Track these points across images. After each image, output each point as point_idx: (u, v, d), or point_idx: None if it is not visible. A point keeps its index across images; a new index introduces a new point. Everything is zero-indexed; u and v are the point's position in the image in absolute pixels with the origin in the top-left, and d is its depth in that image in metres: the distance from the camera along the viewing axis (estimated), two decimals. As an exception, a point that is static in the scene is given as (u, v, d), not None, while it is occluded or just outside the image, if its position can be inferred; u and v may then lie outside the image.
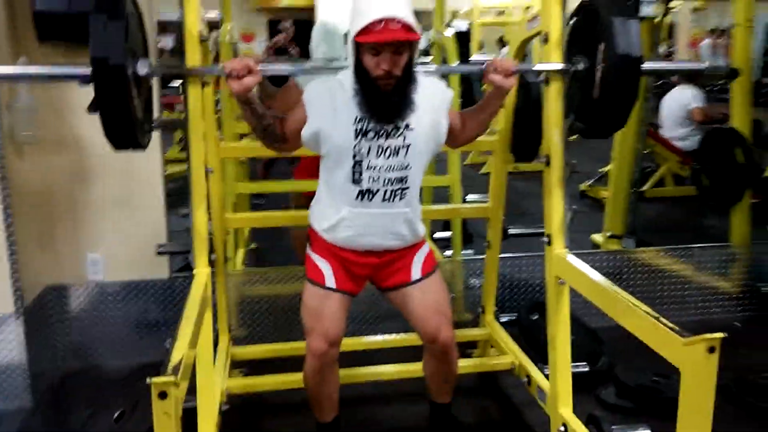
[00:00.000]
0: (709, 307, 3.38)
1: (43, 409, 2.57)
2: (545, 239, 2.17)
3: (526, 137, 2.65)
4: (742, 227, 3.60)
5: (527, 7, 10.06)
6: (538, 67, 2.12)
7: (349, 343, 2.55)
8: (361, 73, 1.83)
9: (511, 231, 2.70)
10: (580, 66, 2.00)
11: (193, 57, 1.97)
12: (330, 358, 1.98)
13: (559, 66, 2.08)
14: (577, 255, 2.06)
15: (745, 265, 3.40)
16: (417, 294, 2.06)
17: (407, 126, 1.89)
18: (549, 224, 2.15)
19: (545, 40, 2.15)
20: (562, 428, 2.09)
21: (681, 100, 5.63)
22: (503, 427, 2.50)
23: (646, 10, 3.40)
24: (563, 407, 2.12)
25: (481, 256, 3.05)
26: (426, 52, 5.24)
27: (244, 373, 2.61)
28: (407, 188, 1.95)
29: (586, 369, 2.59)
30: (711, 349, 1.42)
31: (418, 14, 1.85)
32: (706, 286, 3.40)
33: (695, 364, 1.44)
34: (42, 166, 2.80)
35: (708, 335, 1.41)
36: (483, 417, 2.59)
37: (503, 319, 2.97)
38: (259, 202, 5.19)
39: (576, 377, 2.16)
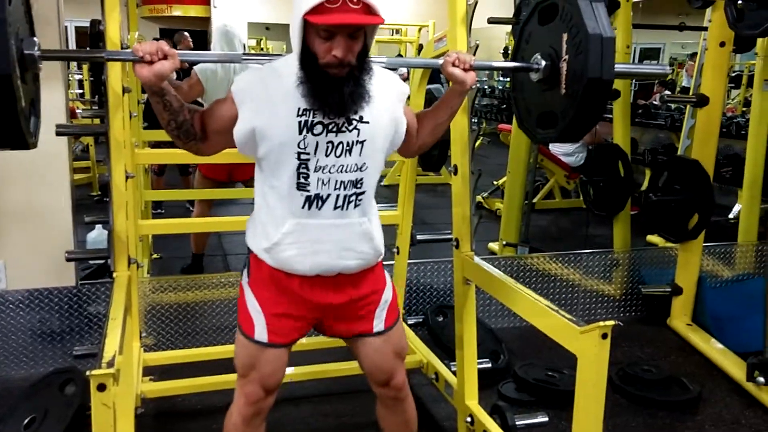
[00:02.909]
0: (595, 309, 3.66)
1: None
2: (454, 243, 2.32)
3: (433, 148, 2.81)
4: (624, 234, 3.94)
5: (420, 27, 10.49)
6: (498, 64, 1.99)
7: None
8: (307, 58, 1.53)
9: (420, 237, 2.84)
10: (542, 63, 1.82)
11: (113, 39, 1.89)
12: (265, 407, 1.74)
13: (521, 64, 1.91)
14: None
15: (627, 269, 3.71)
16: (378, 343, 1.81)
17: (361, 119, 1.60)
18: (457, 229, 2.30)
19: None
20: (469, 419, 2.24)
21: None
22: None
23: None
24: (470, 400, 2.27)
25: (389, 262, 3.18)
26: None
27: (153, 380, 2.60)
28: (362, 192, 1.66)
29: (489, 365, 2.77)
30: (604, 336, 1.59)
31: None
32: (592, 290, 3.68)
33: (591, 349, 1.61)
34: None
35: (601, 323, 1.58)
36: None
37: (411, 321, 3.12)
38: (158, 212, 5.15)
39: (479, 373, 2.32)
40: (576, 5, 1.69)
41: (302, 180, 1.60)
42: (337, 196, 1.62)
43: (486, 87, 10.12)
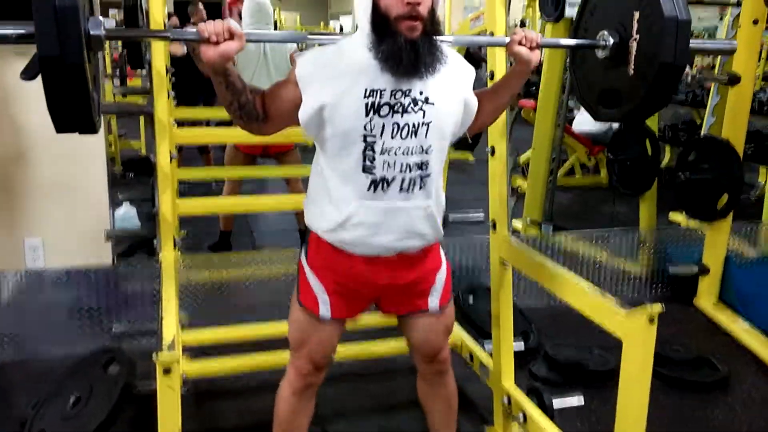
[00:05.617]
0: (621, 288, 3.67)
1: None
2: (491, 224, 2.33)
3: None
4: (650, 213, 3.94)
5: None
6: (565, 41, 1.97)
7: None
8: (378, 20, 1.53)
9: (453, 217, 2.85)
10: (610, 41, 1.76)
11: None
12: (315, 381, 1.78)
13: (587, 41, 1.85)
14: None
15: (653, 248, 3.71)
16: (431, 321, 1.85)
17: (427, 100, 1.58)
18: (494, 210, 2.31)
19: (491, 38, 2.29)
20: (506, 399, 2.27)
21: None
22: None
23: (570, 11, 3.62)
24: (506, 380, 2.30)
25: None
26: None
27: (190, 358, 2.63)
28: (428, 175, 1.64)
29: (522, 347, 2.79)
30: (651, 320, 1.61)
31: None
32: (617, 269, 3.68)
33: (637, 333, 1.63)
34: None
35: (648, 306, 1.60)
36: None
37: (441, 301, 3.13)
38: (181, 189, 5.17)
39: (512, 354, 2.34)
40: None
41: (368, 162, 1.59)
42: (403, 179, 1.61)
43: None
